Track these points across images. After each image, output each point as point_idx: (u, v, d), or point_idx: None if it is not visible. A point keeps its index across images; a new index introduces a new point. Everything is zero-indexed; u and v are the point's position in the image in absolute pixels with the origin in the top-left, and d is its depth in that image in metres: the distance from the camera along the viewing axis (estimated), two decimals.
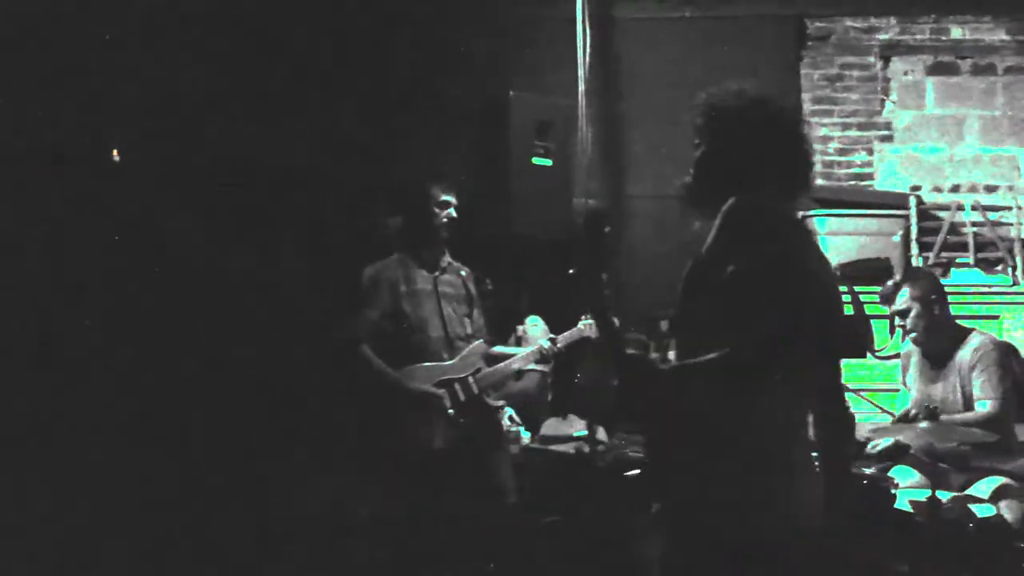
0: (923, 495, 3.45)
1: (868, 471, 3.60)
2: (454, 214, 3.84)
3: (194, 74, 4.14)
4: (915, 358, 4.08)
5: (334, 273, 4.18)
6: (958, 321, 4.10)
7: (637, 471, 3.99)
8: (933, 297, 3.84)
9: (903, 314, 3.93)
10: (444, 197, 3.82)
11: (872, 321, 4.83)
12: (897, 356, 4.78)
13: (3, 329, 3.45)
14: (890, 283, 3.93)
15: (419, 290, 3.81)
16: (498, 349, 4.09)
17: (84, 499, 3.36)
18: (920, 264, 5.22)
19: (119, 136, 4.01)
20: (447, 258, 3.96)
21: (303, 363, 4.06)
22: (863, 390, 4.72)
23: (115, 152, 4.08)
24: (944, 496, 3.30)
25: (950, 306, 4.00)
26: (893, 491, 3.43)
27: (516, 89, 4.95)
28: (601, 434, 4.66)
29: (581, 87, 5.08)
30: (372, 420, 3.75)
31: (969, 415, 3.69)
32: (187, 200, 3.95)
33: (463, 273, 4.01)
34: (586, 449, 4.53)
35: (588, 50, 5.18)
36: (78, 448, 3.42)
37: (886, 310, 4.79)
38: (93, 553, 3.34)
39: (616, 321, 2.30)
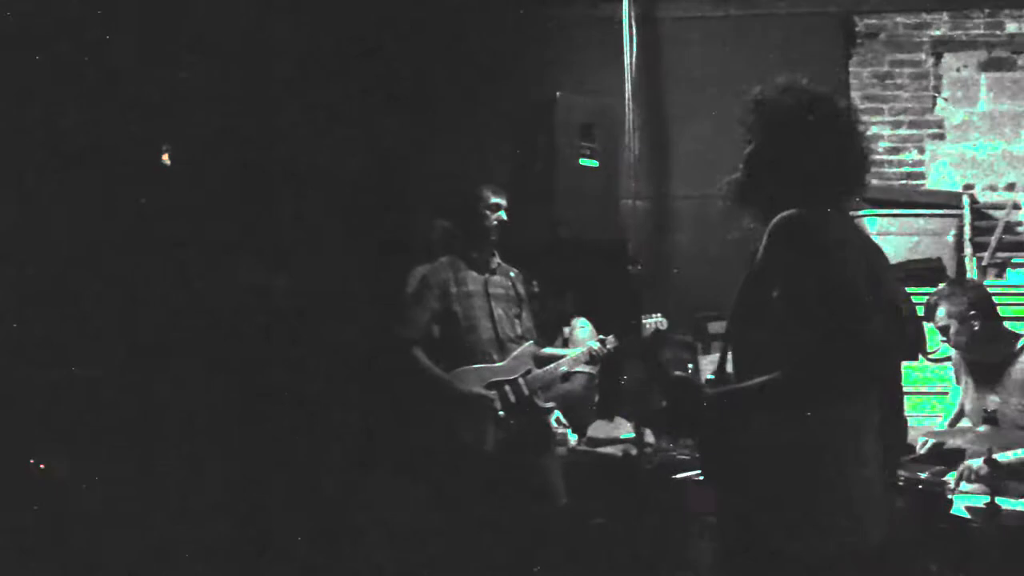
0: (980, 501, 3.40)
1: (923, 475, 3.53)
2: (504, 216, 3.85)
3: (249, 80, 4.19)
4: (964, 367, 4.00)
5: (384, 275, 4.20)
6: (1014, 323, 4.01)
7: (686, 474, 3.98)
8: (972, 312, 3.72)
9: (943, 331, 3.84)
10: (495, 199, 3.83)
11: (924, 323, 4.78)
12: (948, 359, 4.71)
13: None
14: (931, 298, 3.83)
15: (470, 291, 3.82)
16: (548, 351, 4.09)
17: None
18: (974, 264, 5.14)
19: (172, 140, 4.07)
20: (497, 259, 3.97)
21: (355, 365, 4.08)
22: (914, 393, 4.68)
23: (165, 156, 4.15)
24: (1004, 502, 3.23)
25: (998, 312, 3.87)
26: (949, 496, 3.37)
27: (562, 90, 4.92)
28: (649, 436, 4.65)
29: (627, 87, 5.06)
30: (423, 422, 3.77)
31: None
32: (239, 202, 3.99)
33: (512, 274, 4.01)
34: (633, 451, 4.52)
35: (634, 50, 5.16)
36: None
37: None
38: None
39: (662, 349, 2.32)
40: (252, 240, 3.98)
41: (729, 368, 2.24)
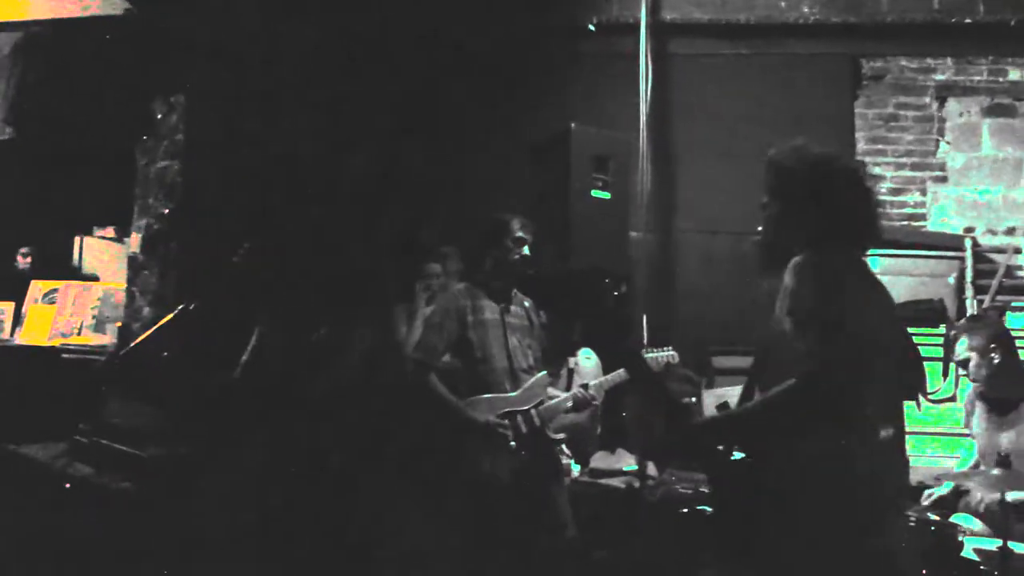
0: (989, 543, 3.41)
1: (933, 517, 3.54)
2: (527, 251, 3.85)
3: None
4: (980, 403, 4.02)
5: (397, 299, 4.18)
6: None
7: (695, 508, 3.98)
8: (993, 347, 3.77)
9: (963, 364, 3.87)
10: (521, 233, 3.83)
11: (924, 363, 4.81)
12: (951, 399, 4.74)
13: None
14: (953, 331, 3.89)
15: (486, 320, 3.79)
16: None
17: None
18: (975, 307, 5.18)
19: None
20: (514, 290, 3.96)
21: (370, 391, 4.05)
22: (919, 433, 4.70)
23: None
24: (1016, 547, 3.24)
25: (1017, 349, 3.92)
26: (960, 538, 3.38)
27: (577, 122, 4.95)
28: (651, 469, 4.64)
29: (642, 121, 5.10)
30: (436, 449, 3.74)
31: None
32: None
33: (527, 304, 4.01)
34: (636, 483, 4.50)
35: (649, 85, 5.21)
36: None
37: (939, 352, 4.78)
38: None
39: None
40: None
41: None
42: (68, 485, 2.98)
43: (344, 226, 4.67)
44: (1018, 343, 4.82)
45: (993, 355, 3.75)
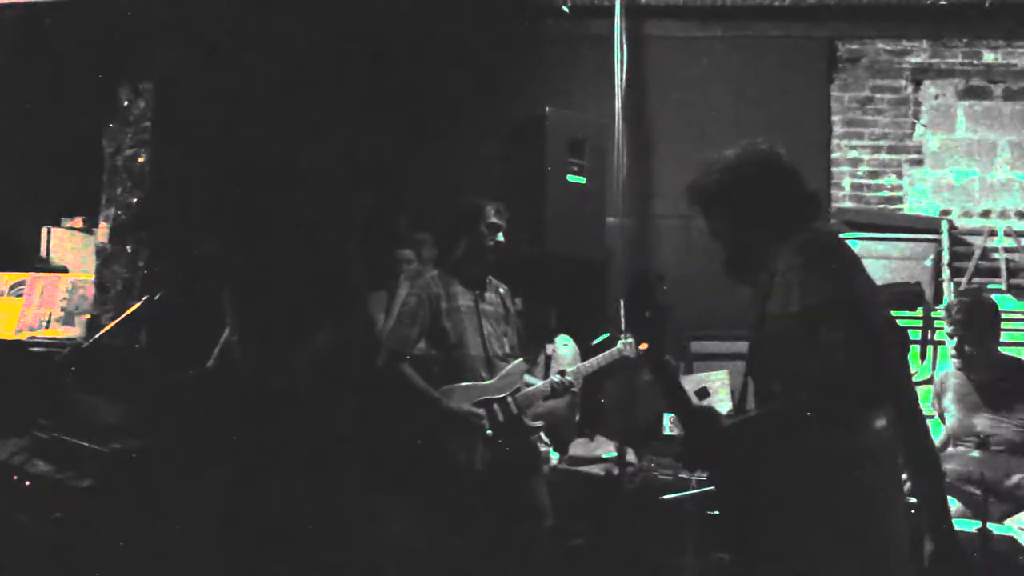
0: (968, 525, 3.40)
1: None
2: (502, 238, 3.79)
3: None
4: (954, 384, 4.01)
5: (368, 287, 4.12)
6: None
7: (676, 495, 3.96)
8: (987, 327, 3.77)
9: (965, 326, 3.86)
10: (495, 219, 3.77)
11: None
12: (928, 382, 4.74)
13: None
14: (955, 299, 3.88)
15: (460, 307, 3.74)
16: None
17: None
18: (952, 289, 5.19)
19: None
20: (488, 276, 3.91)
21: (342, 380, 3.99)
22: None
23: None
24: (993, 528, 3.23)
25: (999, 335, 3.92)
26: None
27: (552, 105, 4.90)
28: (630, 456, 4.61)
29: (617, 104, 5.04)
30: (411, 439, 3.69)
31: None
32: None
33: (501, 291, 3.96)
34: (615, 471, 4.47)
35: (624, 68, 5.16)
36: None
37: (916, 335, 4.78)
38: None
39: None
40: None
41: (750, 401, 2.24)
42: (28, 483, 2.89)
43: (316, 214, 4.59)
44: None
45: (985, 334, 3.76)
